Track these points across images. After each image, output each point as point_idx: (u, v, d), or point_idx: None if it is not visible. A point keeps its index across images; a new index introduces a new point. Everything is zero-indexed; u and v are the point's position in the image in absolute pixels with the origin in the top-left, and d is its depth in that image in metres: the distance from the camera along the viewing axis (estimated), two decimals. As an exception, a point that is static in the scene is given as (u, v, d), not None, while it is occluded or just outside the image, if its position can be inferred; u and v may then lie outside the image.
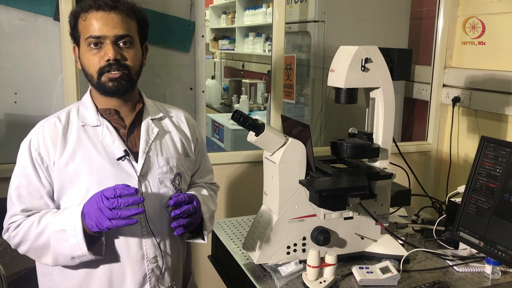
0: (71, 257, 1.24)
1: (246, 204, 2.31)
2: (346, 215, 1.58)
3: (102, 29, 1.26)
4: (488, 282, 1.49)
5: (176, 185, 1.40)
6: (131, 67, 1.31)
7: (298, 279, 1.45)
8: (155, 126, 1.40)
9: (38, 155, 1.30)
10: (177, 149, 1.43)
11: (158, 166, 1.36)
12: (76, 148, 1.31)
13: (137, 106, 1.41)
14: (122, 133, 1.36)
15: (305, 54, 2.98)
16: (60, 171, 1.29)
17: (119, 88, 1.30)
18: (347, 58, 1.53)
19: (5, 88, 2.17)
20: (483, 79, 2.55)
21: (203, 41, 2.43)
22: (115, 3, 1.28)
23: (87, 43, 1.29)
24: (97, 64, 1.28)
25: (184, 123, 1.51)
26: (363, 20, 2.80)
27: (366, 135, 1.65)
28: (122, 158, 1.31)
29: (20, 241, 1.30)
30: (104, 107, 1.37)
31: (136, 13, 1.34)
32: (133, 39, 1.32)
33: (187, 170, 1.46)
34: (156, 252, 1.35)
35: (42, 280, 1.40)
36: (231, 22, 5.03)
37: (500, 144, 1.46)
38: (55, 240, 1.24)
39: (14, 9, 2.12)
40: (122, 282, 1.33)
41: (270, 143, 1.48)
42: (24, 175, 1.31)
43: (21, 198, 1.30)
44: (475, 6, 2.64)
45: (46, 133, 1.32)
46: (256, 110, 4.31)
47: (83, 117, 1.36)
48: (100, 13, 1.27)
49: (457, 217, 1.54)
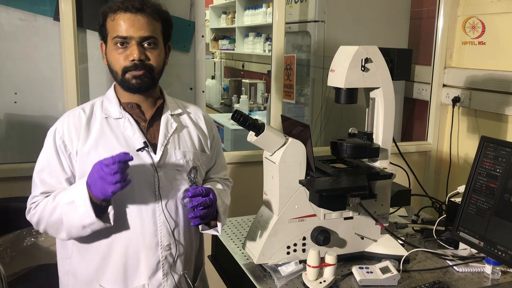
0: (82, 226, 1.30)
1: (246, 204, 2.30)
2: (346, 215, 1.58)
3: (128, 30, 1.34)
4: (488, 282, 1.49)
5: (192, 178, 1.46)
6: (154, 67, 1.39)
7: (298, 279, 1.46)
8: (174, 121, 1.47)
9: (62, 143, 1.38)
10: (194, 144, 1.49)
11: (175, 158, 1.43)
12: (98, 138, 1.38)
13: (158, 102, 1.47)
14: (142, 126, 1.43)
15: (305, 54, 2.98)
16: (82, 159, 1.37)
17: (142, 85, 1.38)
18: (347, 58, 1.53)
19: (5, 88, 2.17)
20: (483, 79, 2.55)
21: (203, 41, 2.43)
22: (142, 5, 1.36)
23: (114, 42, 1.36)
24: (122, 62, 1.36)
25: (201, 120, 1.57)
26: (363, 20, 2.80)
27: (366, 135, 1.65)
28: (142, 149, 1.37)
29: (38, 219, 1.38)
30: (126, 101, 1.44)
31: (161, 15, 1.41)
32: (157, 40, 1.39)
33: (202, 164, 1.52)
34: (170, 240, 1.41)
35: (61, 264, 1.47)
36: (231, 22, 5.03)
37: (500, 144, 1.46)
38: (66, 213, 1.31)
39: (14, 9, 2.12)
40: (136, 267, 1.39)
41: (270, 143, 1.48)
42: (48, 161, 1.39)
43: (42, 182, 1.39)
44: (475, 6, 2.64)
45: (70, 122, 1.40)
46: (256, 110, 4.31)
47: (107, 109, 1.43)
48: (128, 14, 1.34)
49: (457, 217, 1.54)
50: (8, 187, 2.07)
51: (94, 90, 2.29)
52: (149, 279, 1.40)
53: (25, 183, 2.10)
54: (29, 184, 1.88)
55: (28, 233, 2.14)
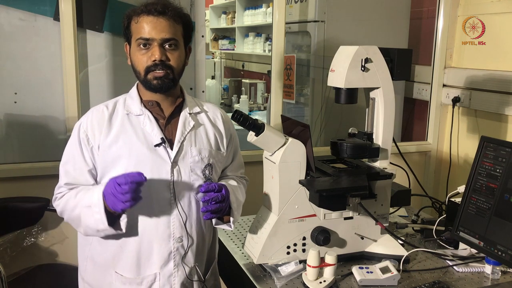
0: (96, 230, 1.40)
1: (246, 204, 2.30)
2: (346, 215, 1.58)
3: (151, 32, 1.40)
4: (488, 282, 1.49)
5: (207, 175, 1.51)
6: (174, 68, 1.45)
7: (298, 279, 1.46)
8: (191, 119, 1.52)
9: (86, 137, 1.46)
10: (209, 142, 1.54)
11: (190, 155, 1.48)
12: (119, 133, 1.45)
13: (177, 100, 1.53)
14: (161, 123, 1.49)
15: (305, 54, 2.98)
16: (104, 152, 1.44)
17: (163, 85, 1.44)
18: (347, 58, 1.53)
19: (5, 88, 2.17)
20: (483, 79, 2.55)
21: (203, 41, 2.43)
22: (164, 9, 1.41)
23: (137, 44, 1.43)
24: (144, 63, 1.42)
25: (219, 119, 1.60)
26: (363, 20, 2.80)
27: (366, 135, 1.65)
28: (159, 145, 1.44)
29: (62, 211, 1.49)
30: (147, 99, 1.50)
31: (183, 18, 1.48)
32: (178, 42, 1.45)
33: (218, 162, 1.56)
34: (182, 232, 1.47)
35: (82, 250, 1.55)
36: (231, 22, 5.02)
37: (500, 144, 1.46)
38: (84, 214, 1.40)
39: (14, 9, 2.12)
40: (149, 257, 1.46)
41: (270, 143, 1.48)
42: (72, 153, 1.48)
43: (66, 173, 1.48)
44: (475, 6, 2.64)
45: (94, 118, 1.48)
46: (256, 110, 4.31)
47: (128, 106, 1.50)
48: (150, 17, 1.41)
49: (457, 217, 1.54)
50: (8, 187, 2.07)
51: (94, 90, 2.29)
52: (160, 269, 1.46)
53: (25, 183, 2.11)
54: (30, 184, 1.88)
55: (28, 233, 2.14)
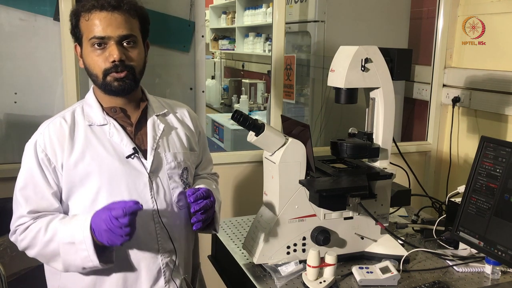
0: (82, 268, 1.25)
1: (246, 204, 2.31)
2: (346, 215, 1.58)
3: (106, 29, 1.26)
4: (488, 282, 1.49)
5: (184, 180, 1.42)
6: (135, 67, 1.32)
7: (298, 279, 1.46)
8: (160, 122, 1.41)
9: (45, 156, 1.29)
10: (183, 144, 1.45)
11: (166, 162, 1.38)
12: (84, 148, 1.30)
13: (142, 104, 1.42)
14: (129, 131, 1.37)
15: (305, 54, 2.98)
16: (69, 172, 1.29)
17: (125, 87, 1.31)
18: (347, 58, 1.53)
19: (5, 88, 2.17)
20: (483, 79, 2.55)
21: (203, 41, 2.43)
22: (118, 2, 1.28)
23: (90, 44, 1.28)
24: (102, 64, 1.28)
25: (187, 117, 1.53)
26: (363, 20, 2.80)
27: (366, 135, 1.65)
28: (132, 156, 1.32)
29: (28, 246, 1.29)
30: (109, 105, 1.37)
31: (138, 11, 1.34)
32: (137, 38, 1.32)
33: (192, 163, 1.49)
34: (170, 246, 1.37)
35: (51, 279, 1.40)
36: (231, 22, 5.02)
37: (500, 144, 1.46)
38: (65, 252, 1.24)
39: (14, 9, 2.12)
40: (137, 278, 1.34)
41: (270, 143, 1.48)
42: (30, 176, 1.30)
43: (27, 199, 1.30)
44: (475, 6, 2.63)
45: (52, 133, 1.31)
46: (256, 110, 4.31)
47: (89, 116, 1.35)
48: (103, 13, 1.26)
49: (457, 217, 1.53)
50: (8, 187, 2.06)
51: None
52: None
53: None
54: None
55: (28, 233, 2.14)
